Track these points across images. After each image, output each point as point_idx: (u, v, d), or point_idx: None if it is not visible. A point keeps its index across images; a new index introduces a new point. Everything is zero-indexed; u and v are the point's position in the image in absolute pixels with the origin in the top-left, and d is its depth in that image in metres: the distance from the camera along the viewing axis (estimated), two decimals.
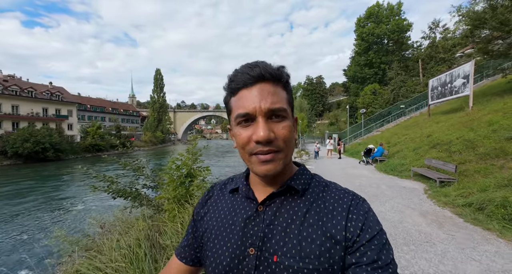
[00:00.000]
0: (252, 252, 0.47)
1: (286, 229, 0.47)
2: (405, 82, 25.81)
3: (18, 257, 5.32)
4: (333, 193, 0.51)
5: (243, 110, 0.45)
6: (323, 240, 0.45)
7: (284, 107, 0.46)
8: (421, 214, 4.03)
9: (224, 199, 0.58)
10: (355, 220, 0.46)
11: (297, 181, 0.51)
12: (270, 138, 0.44)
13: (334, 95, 65.54)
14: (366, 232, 0.44)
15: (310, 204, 0.49)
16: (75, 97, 48.71)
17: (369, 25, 30.21)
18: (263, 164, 0.45)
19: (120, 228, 3.42)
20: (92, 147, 36.77)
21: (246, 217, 0.51)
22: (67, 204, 10.56)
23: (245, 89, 0.46)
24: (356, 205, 0.48)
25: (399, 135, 13.58)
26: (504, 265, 2.42)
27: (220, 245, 0.51)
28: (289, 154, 0.48)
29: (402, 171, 7.86)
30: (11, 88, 34.20)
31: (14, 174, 20.04)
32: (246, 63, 0.49)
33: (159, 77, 63.92)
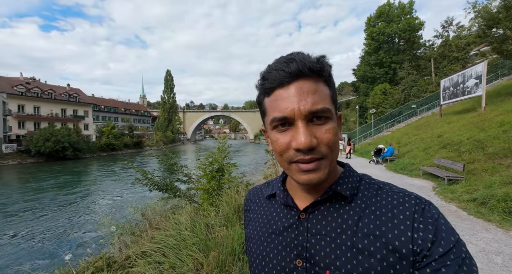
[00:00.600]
0: (300, 264, 0.43)
1: (336, 239, 0.42)
2: (416, 82, 25.51)
3: (75, 238, 6.16)
4: (390, 196, 0.43)
5: (280, 114, 0.41)
6: (384, 253, 0.38)
7: (328, 107, 0.41)
8: None
9: (261, 205, 0.54)
10: (423, 230, 0.38)
11: (344, 185, 0.45)
12: (312, 145, 0.39)
13: (343, 95, 65.12)
14: (439, 244, 0.37)
15: (362, 210, 0.43)
16: (91, 98, 50.81)
17: (380, 24, 29.95)
18: (304, 173, 0.41)
19: (159, 216, 3.96)
20: (107, 146, 38.33)
21: (288, 225, 0.47)
22: (105, 196, 11.63)
23: (281, 89, 0.41)
24: (422, 210, 0.40)
25: (409, 135, 13.66)
26: (498, 248, 2.78)
27: (262, 255, 0.48)
28: (334, 159, 0.43)
29: (412, 170, 8.09)
30: (33, 90, 36.22)
31: (45, 170, 21.48)
32: (281, 57, 0.44)
33: (169, 78, 65.48)
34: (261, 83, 0.43)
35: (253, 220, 0.54)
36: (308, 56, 0.41)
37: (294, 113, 0.39)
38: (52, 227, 7.34)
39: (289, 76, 0.40)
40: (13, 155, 27.65)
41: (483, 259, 2.61)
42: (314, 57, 0.41)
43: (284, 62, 0.41)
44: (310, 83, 0.40)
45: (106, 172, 20.97)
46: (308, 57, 0.41)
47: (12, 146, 28.35)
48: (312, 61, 0.40)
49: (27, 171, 21.96)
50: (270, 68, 0.42)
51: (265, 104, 0.44)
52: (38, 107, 35.87)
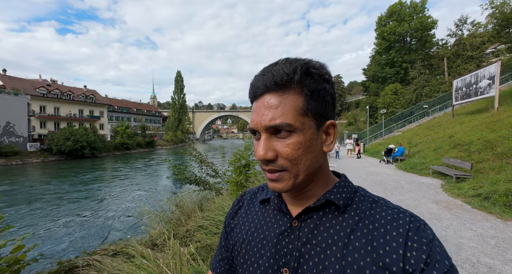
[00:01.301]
0: (286, 273, 0.42)
1: (326, 250, 0.41)
2: (428, 82, 25.23)
3: (116, 224, 7.11)
4: (384, 211, 0.42)
5: (250, 125, 0.43)
6: (373, 269, 0.37)
7: (288, 122, 0.39)
8: (435, 202, 4.73)
9: (254, 210, 0.54)
10: (417, 250, 0.37)
11: (337, 194, 0.44)
12: (266, 158, 0.40)
13: (353, 94, 64.46)
14: (433, 267, 0.36)
15: (355, 223, 0.42)
16: (106, 99, 52.76)
17: (391, 24, 29.68)
18: (270, 182, 0.42)
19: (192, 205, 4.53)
20: (121, 145, 39.80)
21: (279, 232, 0.46)
22: (138, 189, 12.79)
23: (255, 102, 0.43)
24: (417, 229, 0.39)
25: (421, 135, 13.74)
26: (493, 233, 3.17)
27: (251, 261, 0.47)
28: (301, 172, 0.41)
29: (422, 169, 8.35)
30: (53, 92, 38.19)
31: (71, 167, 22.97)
32: (264, 67, 0.43)
33: (179, 79, 66.85)
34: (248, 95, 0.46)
35: (244, 224, 0.53)
36: (288, 65, 0.40)
37: (258, 126, 0.41)
38: (103, 213, 8.44)
39: (260, 89, 0.41)
40: (36, 153, 29.33)
41: (478, 241, 3.02)
42: (294, 66, 0.40)
43: (261, 74, 0.42)
44: (275, 97, 0.40)
45: (132, 168, 22.25)
46: (283, 68, 0.40)
47: (36, 144, 30.09)
48: (282, 72, 0.40)
49: (54, 167, 23.40)
50: (253, 80, 0.44)
51: None
52: (58, 108, 37.79)
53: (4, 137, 27.66)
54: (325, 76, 0.42)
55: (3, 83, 33.99)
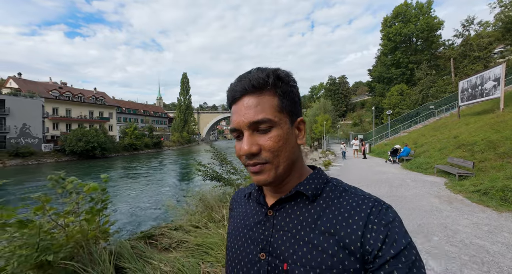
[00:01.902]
0: (263, 257, 0.48)
1: (295, 235, 0.46)
2: (434, 83, 25.27)
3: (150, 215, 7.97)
4: (351, 198, 0.47)
5: (232, 126, 0.48)
6: (335, 250, 0.42)
7: (268, 117, 0.45)
8: (437, 197, 5.11)
9: (242, 204, 0.60)
10: (376, 231, 0.41)
11: (307, 186, 0.49)
12: (251, 152, 0.44)
13: (358, 95, 64.26)
14: (390, 246, 0.39)
15: (322, 210, 0.47)
16: (114, 101, 53.99)
17: (396, 25, 29.80)
18: (254, 175, 0.47)
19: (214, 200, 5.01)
20: (130, 146, 40.72)
21: (257, 221, 0.52)
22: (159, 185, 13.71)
23: (234, 105, 0.48)
24: (378, 212, 0.43)
25: (426, 136, 13.96)
26: (488, 222, 3.57)
27: (235, 248, 0.53)
28: (281, 163, 0.46)
29: (427, 169, 8.66)
30: (65, 94, 39.49)
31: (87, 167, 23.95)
32: (239, 76, 0.49)
33: (185, 81, 67.74)
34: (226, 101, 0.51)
35: (233, 217, 0.60)
36: (260, 72, 0.47)
37: (240, 125, 0.46)
38: (136, 206, 9.29)
39: (239, 93, 0.47)
40: (50, 153, 30.40)
41: (473, 227, 3.42)
42: (266, 72, 0.47)
43: (237, 80, 0.48)
44: (253, 98, 0.46)
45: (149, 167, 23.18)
46: (258, 74, 0.46)
47: (50, 145, 31.20)
48: (258, 77, 0.46)
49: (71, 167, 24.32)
50: (230, 86, 0.50)
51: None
52: (69, 109, 39.06)
53: (21, 138, 28.84)
54: (292, 80, 0.49)
55: (18, 86, 35.41)
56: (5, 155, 26.14)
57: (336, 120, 36.24)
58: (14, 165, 25.66)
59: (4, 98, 28.36)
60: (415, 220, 3.81)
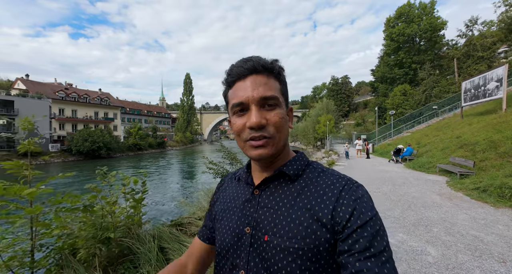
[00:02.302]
0: (248, 231, 0.53)
1: (277, 211, 0.51)
2: (437, 83, 25.32)
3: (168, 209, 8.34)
4: (328, 178, 0.52)
5: (237, 100, 0.50)
6: (310, 222, 0.47)
7: (276, 95, 0.50)
8: (438, 194, 5.34)
9: (231, 186, 0.65)
10: (345, 205, 0.46)
11: (290, 166, 0.54)
12: (262, 124, 0.48)
13: (361, 95, 64.16)
14: (358, 218, 0.44)
15: (301, 188, 0.52)
16: (119, 101, 54.65)
17: (399, 25, 29.87)
18: (255, 149, 0.49)
19: None
20: (134, 146, 41.25)
21: (245, 200, 0.57)
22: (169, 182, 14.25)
23: (240, 82, 0.51)
24: (349, 189, 0.48)
25: (429, 136, 14.10)
26: (484, 216, 3.82)
27: (224, 225, 0.58)
28: (281, 140, 0.51)
29: (429, 168, 8.85)
30: (71, 95, 40.15)
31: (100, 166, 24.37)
32: (242, 58, 0.53)
33: (188, 81, 68.19)
34: (226, 78, 0.54)
35: (223, 198, 0.64)
36: (264, 58, 0.52)
37: (249, 99, 0.49)
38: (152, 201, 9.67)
39: (246, 71, 0.50)
40: (57, 153, 30.99)
41: (470, 221, 3.67)
42: (269, 59, 0.52)
43: (243, 61, 0.52)
44: (263, 77, 0.50)
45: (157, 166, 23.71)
46: (263, 59, 0.52)
47: (56, 145, 31.80)
48: (266, 61, 0.51)
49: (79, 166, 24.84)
50: (232, 66, 0.53)
51: (228, 95, 0.54)
52: (75, 110, 39.70)
53: (29, 138, 29.46)
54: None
55: (26, 87, 36.13)
56: (14, 154, 26.75)
57: (338, 120, 36.34)
58: None
59: (13, 99, 29.06)
60: (416, 215, 4.06)
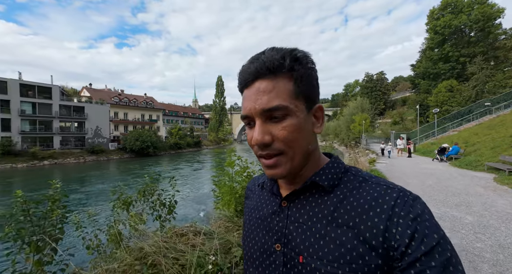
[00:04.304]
0: (278, 248, 0.47)
1: (311, 228, 0.44)
2: (491, 77, 23.12)
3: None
4: (372, 188, 0.43)
5: (243, 112, 0.45)
6: (354, 244, 0.39)
7: (283, 104, 0.41)
8: (482, 187, 5.81)
9: (256, 193, 0.59)
10: (402, 225, 0.37)
11: (323, 176, 0.47)
12: (264, 142, 0.42)
13: (398, 91, 60.10)
14: (421, 242, 0.35)
15: (339, 201, 0.44)
16: (160, 104, 60.34)
17: (445, 17, 27.78)
18: (267, 169, 0.44)
19: None
20: (175, 145, 45.27)
21: (272, 212, 0.51)
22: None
23: (246, 89, 0.45)
24: (404, 204, 0.39)
25: (479, 135, 13.46)
26: None
27: (251, 238, 0.53)
28: (296, 155, 0.44)
29: (477, 166, 8.86)
30: (123, 100, 45.94)
31: (151, 162, 28.04)
32: (254, 55, 0.45)
33: (220, 83, 71.52)
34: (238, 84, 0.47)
35: (248, 207, 0.59)
36: (275, 53, 0.43)
37: (252, 112, 0.43)
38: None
39: (251, 76, 0.43)
40: (115, 151, 35.95)
41: (509, 205, 4.22)
42: (282, 53, 0.43)
43: (250, 62, 0.44)
44: (268, 82, 0.42)
45: (202, 163, 26.38)
46: (273, 55, 0.42)
47: (114, 144, 36.89)
48: (273, 59, 0.42)
49: (136, 163, 28.73)
50: (242, 69, 0.46)
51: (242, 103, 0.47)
52: (126, 113, 45.29)
53: (95, 138, 34.91)
54: (311, 62, 0.45)
55: (90, 94, 42.63)
56: (85, 152, 32.04)
57: (374, 119, 35.09)
58: (91, 161, 31.25)
59: (84, 105, 34.73)
60: (459, 199, 4.77)
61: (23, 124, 28.46)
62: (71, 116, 33.09)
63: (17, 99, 27.97)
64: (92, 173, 21.30)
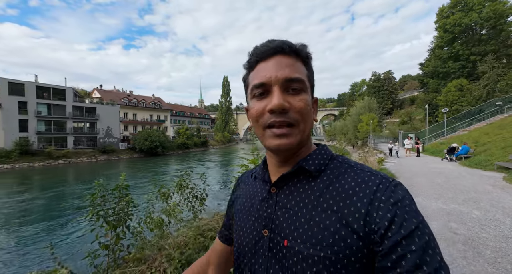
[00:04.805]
0: (266, 234, 0.48)
1: (297, 212, 0.45)
2: (502, 76, 22.71)
3: None
4: (357, 174, 0.45)
5: (259, 80, 0.45)
6: (337, 227, 0.40)
7: (303, 78, 0.45)
8: (491, 185, 5.93)
9: (248, 184, 0.61)
10: (382, 210, 0.38)
11: (310, 161, 0.48)
12: (284, 107, 0.43)
13: (406, 90, 59.23)
14: (400, 226, 0.36)
15: (325, 186, 0.45)
16: (168, 105, 61.34)
17: (455, 15, 27.36)
18: (277, 138, 0.44)
19: None
20: (183, 144, 46.03)
21: (262, 198, 0.52)
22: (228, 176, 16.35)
23: (263, 62, 0.46)
24: (385, 189, 0.40)
25: (490, 135, 13.36)
26: None
27: (242, 225, 0.54)
28: (306, 129, 0.46)
29: (487, 166, 8.89)
30: (132, 101, 47.01)
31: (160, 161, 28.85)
32: (266, 41, 0.48)
33: (226, 84, 72.13)
34: (248, 60, 0.49)
35: (240, 197, 0.61)
36: (291, 42, 0.47)
37: (272, 80, 0.44)
38: None
39: (271, 50, 0.45)
40: (125, 151, 36.88)
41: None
42: (299, 43, 0.48)
43: (268, 41, 0.48)
44: (289, 58, 0.45)
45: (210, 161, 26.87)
46: (291, 42, 0.47)
47: (124, 144, 37.84)
48: (293, 44, 0.46)
49: (142, 163, 29.49)
50: (256, 46, 0.48)
51: (248, 78, 0.49)
52: (135, 114, 46.32)
53: (106, 138, 35.94)
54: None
55: (100, 95, 43.85)
56: (97, 152, 33.05)
57: (381, 118, 34.83)
58: (102, 160, 32.21)
59: (95, 106, 35.82)
60: (467, 196, 4.95)
61: (39, 125, 29.62)
62: (83, 117, 34.19)
63: (33, 101, 29.15)
64: (112, 171, 22.00)
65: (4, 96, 26.99)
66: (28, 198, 12.28)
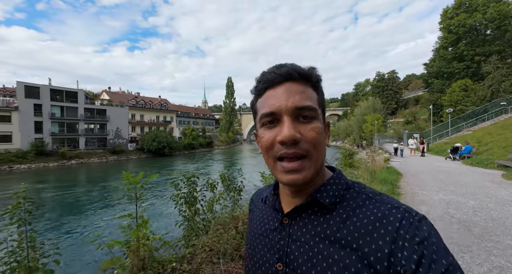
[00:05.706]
0: (280, 268, 0.45)
1: (313, 248, 0.42)
2: (507, 76, 22.93)
3: None
4: (376, 207, 0.41)
5: (268, 109, 0.43)
6: (358, 267, 0.37)
7: (314, 106, 0.43)
8: (489, 181, 6.45)
9: (259, 207, 0.58)
10: (408, 249, 0.35)
11: (325, 192, 0.45)
12: (295, 138, 0.41)
13: (410, 90, 59.22)
14: (428, 268, 0.33)
15: (342, 220, 0.42)
16: (174, 106, 62.33)
17: (459, 15, 27.61)
18: (288, 173, 0.42)
19: None
20: (189, 145, 46.77)
21: (273, 228, 0.50)
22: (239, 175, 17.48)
23: (272, 89, 0.44)
24: (409, 226, 0.37)
25: (493, 135, 13.71)
26: None
27: (253, 254, 0.51)
28: (319, 158, 0.43)
29: (488, 164, 9.37)
30: (139, 103, 48.03)
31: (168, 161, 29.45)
32: (273, 66, 0.47)
33: (230, 85, 72.75)
34: (255, 86, 0.47)
35: (251, 221, 0.58)
36: (299, 66, 0.46)
37: (281, 109, 0.42)
38: None
39: (280, 77, 0.44)
40: (133, 151, 37.79)
41: (510, 196, 4.90)
42: (308, 67, 0.46)
43: (276, 67, 0.46)
44: (298, 85, 0.44)
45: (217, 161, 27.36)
46: (299, 66, 0.45)
47: (133, 144, 38.76)
48: (302, 68, 0.45)
49: (150, 163, 30.28)
50: (264, 73, 0.47)
51: (257, 105, 0.47)
52: (142, 115, 47.33)
53: (115, 139, 36.93)
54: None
55: (109, 97, 44.99)
56: (107, 152, 34.03)
57: (386, 118, 35.11)
58: (112, 160, 33.14)
59: (105, 108, 36.89)
60: (466, 190, 5.49)
61: (53, 126, 30.72)
62: (94, 119, 35.25)
63: (47, 103, 30.27)
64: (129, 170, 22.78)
65: (21, 99, 28.16)
66: (81, 191, 13.44)
